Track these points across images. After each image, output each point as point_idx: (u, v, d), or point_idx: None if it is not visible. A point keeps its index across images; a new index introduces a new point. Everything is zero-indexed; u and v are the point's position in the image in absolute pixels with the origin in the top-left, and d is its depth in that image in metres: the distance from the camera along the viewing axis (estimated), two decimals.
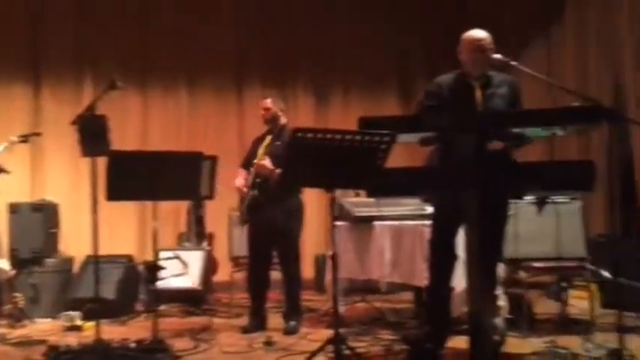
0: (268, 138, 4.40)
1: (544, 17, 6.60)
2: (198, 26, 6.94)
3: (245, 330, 4.25)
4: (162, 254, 5.06)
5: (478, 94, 3.23)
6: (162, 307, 5.14)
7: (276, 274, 4.60)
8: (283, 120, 4.49)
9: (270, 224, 4.27)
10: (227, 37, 7.04)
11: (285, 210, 4.31)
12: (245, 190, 4.32)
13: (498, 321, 3.61)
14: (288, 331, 4.19)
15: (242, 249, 4.83)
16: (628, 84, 5.44)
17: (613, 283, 4.14)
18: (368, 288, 5.18)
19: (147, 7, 6.86)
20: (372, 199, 4.39)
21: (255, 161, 4.31)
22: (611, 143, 2.95)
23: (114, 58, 6.65)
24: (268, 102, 4.48)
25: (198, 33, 6.93)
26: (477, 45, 3.30)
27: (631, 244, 4.89)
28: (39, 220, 5.10)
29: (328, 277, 4.65)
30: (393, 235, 4.29)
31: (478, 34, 3.37)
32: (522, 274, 4.08)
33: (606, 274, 4.28)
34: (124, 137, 6.49)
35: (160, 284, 4.71)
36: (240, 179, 4.40)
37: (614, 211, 3.01)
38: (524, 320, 3.97)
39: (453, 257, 3.41)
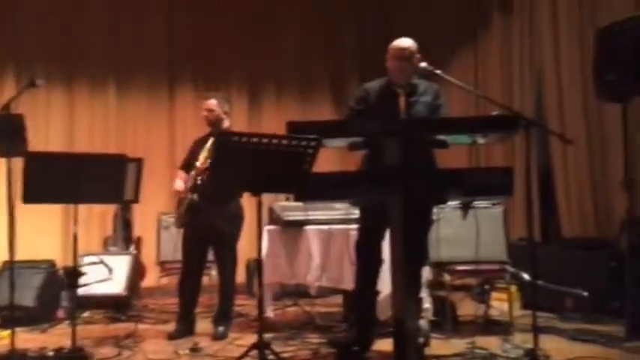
0: (210, 141, 4.33)
1: (472, 26, 6.82)
2: (129, 24, 6.80)
3: (172, 336, 4.16)
4: (86, 259, 4.96)
5: (402, 101, 3.31)
6: (86, 314, 4.99)
7: (205, 279, 4.54)
8: (226, 123, 4.43)
9: (209, 228, 4.20)
10: (159, 35, 6.92)
11: (226, 214, 4.27)
12: (184, 193, 4.22)
13: (423, 323, 3.69)
14: (217, 337, 4.14)
15: (170, 254, 4.75)
16: (549, 92, 5.69)
17: (531, 286, 4.34)
18: (299, 292, 5.19)
19: (76, 3, 6.64)
20: (302, 204, 4.41)
21: (197, 164, 4.23)
22: (528, 151, 3.07)
23: (38, 54, 6.41)
24: (213, 103, 4.39)
25: (130, 31, 6.79)
26: (401, 54, 3.38)
27: (549, 248, 5.13)
28: None
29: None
30: (322, 240, 4.32)
31: (403, 43, 3.45)
32: (447, 277, 4.19)
33: (526, 276, 4.48)
34: (48, 137, 6.29)
35: (83, 290, 4.59)
36: (180, 182, 4.29)
37: (532, 217, 3.13)
38: (447, 322, 4.08)
39: (378, 261, 3.47)
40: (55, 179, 3.14)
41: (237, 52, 7.18)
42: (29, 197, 3.14)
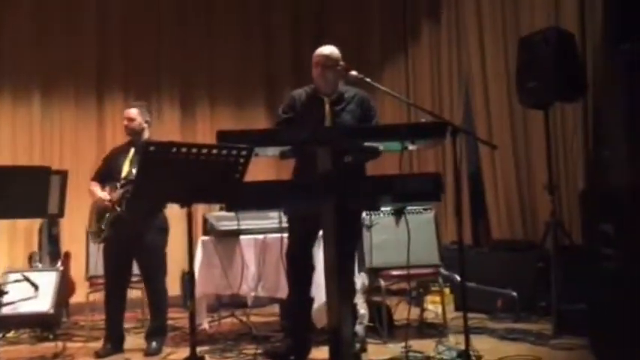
0: (132, 151, 4.21)
1: (402, 34, 6.97)
2: (56, 33, 6.56)
3: (99, 354, 4.02)
4: (10, 276, 4.71)
5: (327, 109, 3.33)
6: (11, 334, 4.76)
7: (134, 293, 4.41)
8: (147, 133, 4.33)
9: (134, 242, 4.08)
10: (88, 43, 6.70)
11: (153, 226, 4.17)
12: (110, 205, 4.08)
13: (359, 329, 3.72)
14: (150, 353, 4.02)
15: (99, 268, 4.57)
16: (477, 99, 5.87)
17: (462, 288, 4.45)
18: (235, 302, 5.13)
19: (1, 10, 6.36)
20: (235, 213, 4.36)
21: (122, 175, 4.09)
22: (456, 157, 3.15)
23: None
24: (133, 112, 4.29)
25: (57, 40, 6.55)
26: (324, 61, 3.41)
27: (479, 251, 5.29)
28: None
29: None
30: (257, 249, 4.30)
31: (325, 50, 3.48)
32: (382, 283, 4.24)
33: (458, 278, 4.59)
34: None
35: (7, 309, 4.37)
36: (104, 193, 4.14)
37: (459, 221, 3.21)
38: (384, 327, 4.12)
39: (310, 268, 3.48)
40: None
41: (170, 60, 7.05)
42: None
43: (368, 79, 3.33)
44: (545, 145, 4.46)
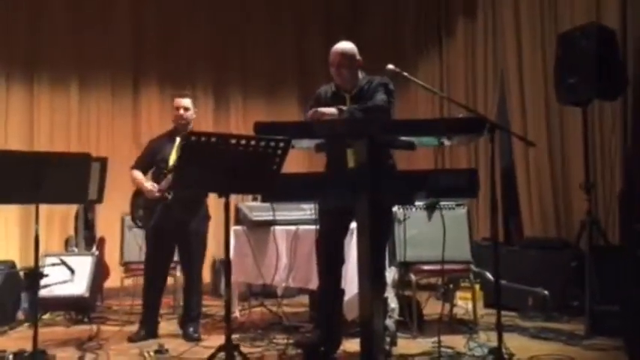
0: (178, 139, 4.26)
1: (437, 29, 6.92)
2: (93, 22, 6.67)
3: (133, 338, 4.10)
4: (47, 260, 4.84)
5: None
6: (47, 316, 4.89)
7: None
8: (192, 124, 4.40)
9: (180, 228, 4.15)
10: (124, 33, 6.82)
11: (198, 214, 4.24)
12: (158, 193, 4.13)
13: (389, 323, 3.72)
14: (191, 338, 4.07)
15: (133, 254, 4.67)
16: (512, 95, 5.81)
17: (495, 285, 4.41)
18: (266, 292, 5.18)
19: (40, 1, 6.48)
20: (270, 204, 4.40)
21: (171, 165, 4.15)
22: (493, 153, 3.13)
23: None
24: (188, 102, 4.33)
25: (94, 29, 6.67)
26: (338, 61, 3.41)
27: (511, 248, 5.24)
28: None
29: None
30: (289, 240, 4.31)
31: (339, 48, 3.47)
32: (412, 277, 4.23)
33: (489, 275, 4.56)
34: (7, 135, 6.15)
35: (44, 292, 4.49)
36: (150, 183, 4.20)
37: (494, 218, 3.19)
38: (413, 321, 4.12)
39: (340, 261, 3.49)
40: (17, 179, 3.05)
41: (204, 50, 7.12)
42: None
43: (405, 73, 3.31)
44: (583, 143, 4.40)
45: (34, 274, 3.29)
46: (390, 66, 3.31)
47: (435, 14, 6.92)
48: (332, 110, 3.24)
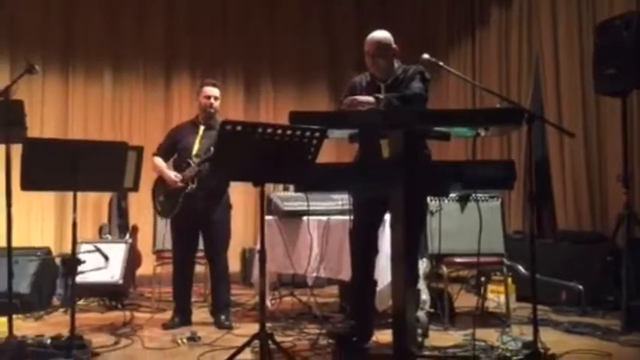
0: (202, 128, 4.28)
1: (470, 18, 6.82)
2: (126, 11, 6.73)
3: (167, 325, 4.15)
4: (83, 247, 4.92)
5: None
6: (81, 302, 4.98)
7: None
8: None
9: (203, 217, 4.18)
10: (157, 23, 6.87)
11: (220, 204, 4.26)
12: (181, 183, 4.16)
13: (421, 314, 3.70)
14: (224, 326, 4.09)
15: (166, 242, 4.71)
16: (547, 84, 5.70)
17: (526, 278, 4.36)
18: (295, 282, 5.20)
19: None
20: (300, 194, 4.40)
21: (194, 154, 4.17)
22: (530, 145, 3.07)
23: (33, 40, 6.34)
24: (218, 91, 4.32)
25: (127, 18, 6.73)
26: (372, 51, 3.38)
27: (544, 241, 5.16)
28: None
29: (256, 271, 4.63)
30: (321, 230, 4.31)
31: (374, 37, 3.44)
32: (444, 269, 4.20)
33: (521, 269, 4.50)
34: (43, 124, 6.24)
35: (79, 278, 4.55)
36: (174, 173, 4.22)
37: (532, 210, 3.14)
38: (445, 314, 4.09)
39: (374, 251, 3.48)
40: (55, 166, 3.10)
41: (235, 40, 7.14)
42: (28, 184, 3.09)
43: (441, 63, 3.27)
44: (622, 135, 4.30)
45: (73, 261, 3.34)
46: (426, 55, 3.27)
47: (468, 2, 6.82)
48: (369, 99, 3.21)
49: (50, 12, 6.46)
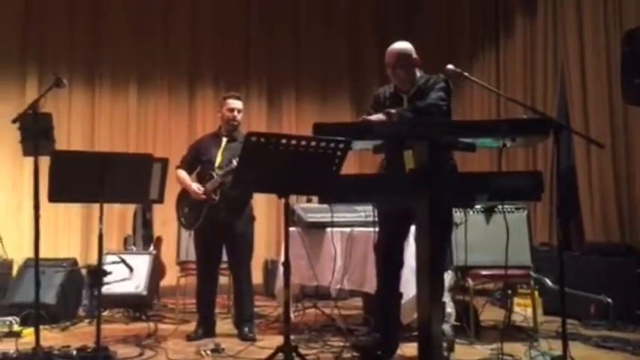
0: (224, 140, 4.30)
1: (494, 28, 6.78)
2: (152, 24, 6.84)
3: (191, 337, 4.15)
4: (108, 258, 4.96)
5: (405, 106, 3.29)
6: (106, 313, 5.01)
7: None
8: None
9: (227, 228, 4.18)
10: (181, 36, 6.95)
11: (243, 216, 4.27)
12: (204, 196, 4.18)
13: (446, 328, 3.65)
14: (247, 338, 4.08)
15: (189, 254, 4.73)
16: (574, 94, 5.63)
17: (554, 292, 4.28)
18: (318, 294, 5.17)
19: (100, 4, 6.68)
20: (323, 205, 4.39)
21: (217, 165, 4.19)
22: (558, 155, 3.02)
23: (60, 54, 6.47)
24: (241, 104, 4.36)
25: (152, 31, 6.83)
26: (393, 62, 3.37)
27: (571, 254, 5.07)
28: None
29: (279, 283, 4.62)
30: (344, 242, 4.29)
31: (394, 49, 3.42)
32: (470, 282, 4.14)
33: (548, 282, 4.43)
34: (69, 136, 6.34)
35: (103, 289, 4.59)
36: (197, 185, 4.25)
37: (560, 221, 3.09)
38: (470, 327, 4.03)
39: (399, 263, 3.45)
40: (82, 178, 3.14)
41: (258, 52, 7.19)
42: (55, 196, 3.13)
43: (466, 74, 3.24)
44: None
45: (99, 272, 3.36)
46: (450, 66, 3.25)
47: (492, 12, 6.78)
48: (379, 116, 3.20)
49: (77, 27, 6.60)
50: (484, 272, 4.16)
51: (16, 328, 4.32)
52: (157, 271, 5.31)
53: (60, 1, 6.54)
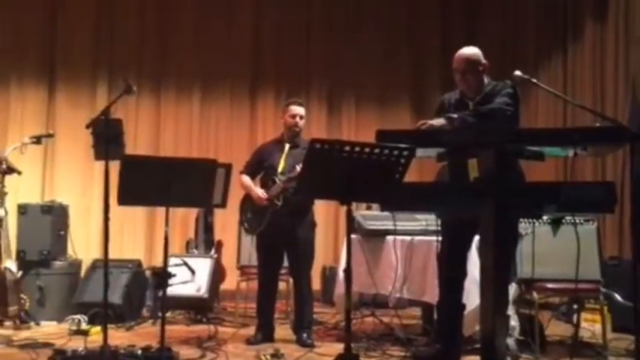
0: (287, 146, 4.34)
1: (561, 34, 6.58)
2: (215, 33, 6.99)
3: (251, 341, 4.19)
4: (170, 260, 5.07)
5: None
6: (168, 314, 5.12)
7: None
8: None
9: (289, 234, 4.21)
10: (244, 44, 7.08)
11: (305, 221, 4.29)
12: (267, 202, 4.23)
13: (510, 342, 3.55)
14: (306, 344, 4.09)
15: (250, 258, 4.79)
16: None
17: (624, 307, 4.09)
18: (375, 302, 5.12)
19: (165, 13, 6.91)
20: (383, 213, 4.36)
21: (280, 171, 4.23)
22: (633, 165, 2.89)
23: (130, 62, 6.70)
24: (304, 110, 4.39)
25: (215, 40, 6.99)
26: (462, 68, 3.31)
27: None
28: (48, 221, 5.04)
29: (338, 290, 4.62)
30: (404, 250, 4.24)
31: (462, 54, 3.36)
32: (535, 295, 4.01)
33: (618, 297, 4.24)
34: (136, 141, 6.54)
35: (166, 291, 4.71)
36: (261, 190, 4.30)
37: (634, 235, 2.95)
38: (535, 342, 3.90)
39: (462, 273, 3.38)
40: (150, 182, 3.22)
41: (319, 60, 7.23)
42: (124, 199, 3.23)
43: (534, 80, 3.16)
44: None
45: (164, 274, 3.45)
46: (518, 72, 3.17)
47: (560, 17, 6.58)
48: (440, 120, 3.15)
49: (145, 37, 6.85)
50: (550, 285, 4.02)
51: (84, 326, 4.48)
52: (217, 274, 5.40)
53: (130, 14, 6.79)
